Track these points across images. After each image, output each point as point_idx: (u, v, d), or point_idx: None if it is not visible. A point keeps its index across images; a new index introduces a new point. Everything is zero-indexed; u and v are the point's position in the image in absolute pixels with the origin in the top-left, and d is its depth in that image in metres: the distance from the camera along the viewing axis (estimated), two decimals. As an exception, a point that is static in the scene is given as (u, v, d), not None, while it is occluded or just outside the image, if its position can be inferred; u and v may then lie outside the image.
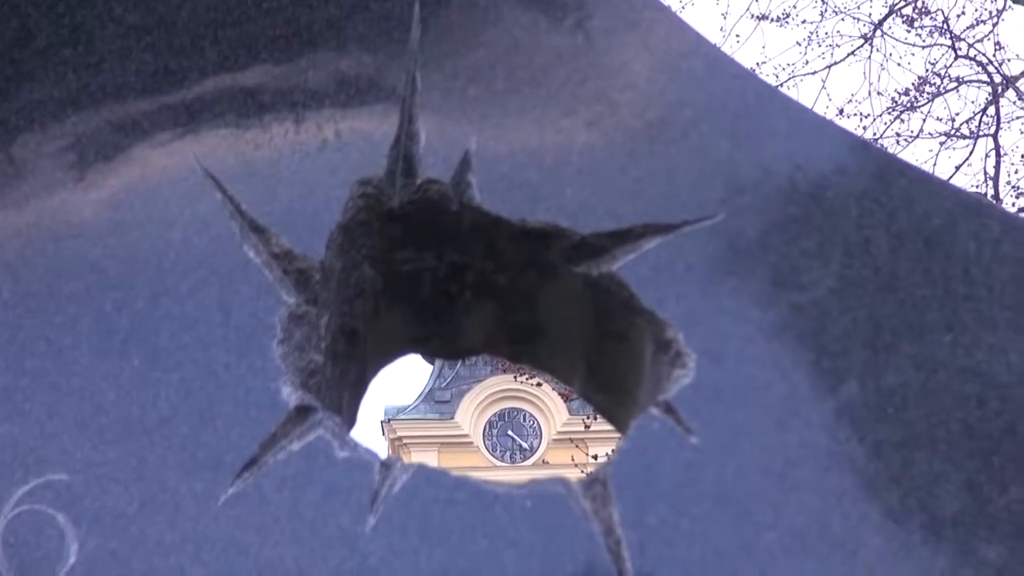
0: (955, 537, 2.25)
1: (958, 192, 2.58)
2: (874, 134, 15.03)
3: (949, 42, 13.91)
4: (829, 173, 2.45)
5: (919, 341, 2.34)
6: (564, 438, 29.07)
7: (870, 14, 14.25)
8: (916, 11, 14.01)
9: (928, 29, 13.95)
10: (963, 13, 14.18)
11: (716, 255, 2.35)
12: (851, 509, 2.24)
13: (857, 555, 2.22)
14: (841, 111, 15.97)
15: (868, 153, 2.59)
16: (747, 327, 2.33)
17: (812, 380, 2.31)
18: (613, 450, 2.31)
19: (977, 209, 2.50)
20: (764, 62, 17.39)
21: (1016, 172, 14.14)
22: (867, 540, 2.23)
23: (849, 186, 2.44)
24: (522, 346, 2.67)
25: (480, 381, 33.38)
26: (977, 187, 14.58)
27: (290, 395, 2.18)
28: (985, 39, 13.92)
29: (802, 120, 2.54)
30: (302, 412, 2.17)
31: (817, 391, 2.30)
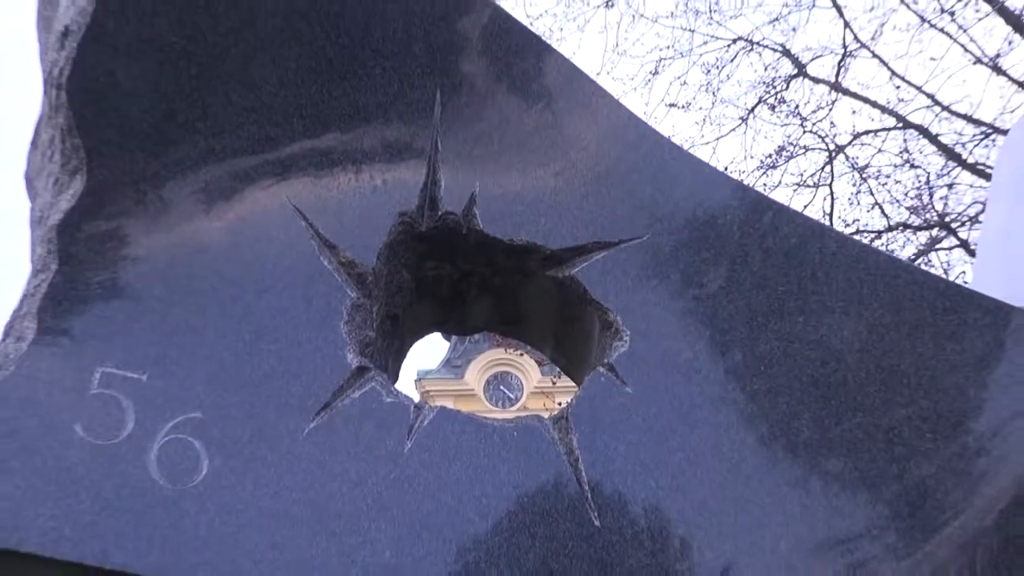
0: (807, 455, 2.26)
1: (808, 220, 2.60)
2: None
3: (799, 122, 13.89)
4: (720, 207, 2.46)
5: (781, 322, 2.36)
6: (538, 391, 29.11)
7: (745, 104, 14.21)
8: (777, 101, 14.00)
9: (785, 113, 13.94)
10: (808, 101, 14.19)
11: (643, 263, 2.36)
12: (735, 437, 2.26)
13: (739, 469, 2.24)
14: (725, 169, 16.08)
15: (746, 193, 2.60)
16: (664, 312, 2.34)
17: (708, 349, 2.32)
18: (573, 398, 2.32)
19: (821, 232, 2.52)
20: (672, 136, 17.48)
21: (845, 211, 14.21)
22: (746, 458, 2.25)
23: (734, 216, 2.45)
24: (511, 327, 2.67)
25: (482, 353, 33.33)
26: (819, 221, 14.75)
27: (352, 359, 2.18)
28: (824, 119, 13.94)
29: (701, 171, 2.55)
30: (361, 371, 2.18)
31: (712, 356, 2.32)
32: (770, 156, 14.45)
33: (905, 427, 2.32)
